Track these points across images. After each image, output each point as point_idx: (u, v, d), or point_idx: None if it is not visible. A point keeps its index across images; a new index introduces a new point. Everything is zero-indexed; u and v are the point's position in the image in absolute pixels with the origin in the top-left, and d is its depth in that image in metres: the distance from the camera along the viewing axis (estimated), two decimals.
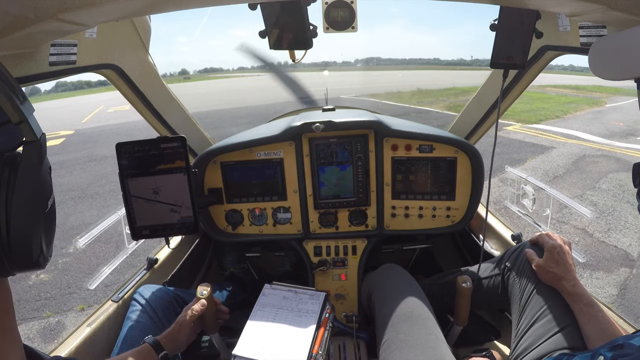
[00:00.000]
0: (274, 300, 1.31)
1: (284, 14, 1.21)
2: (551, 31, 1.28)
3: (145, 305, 1.37)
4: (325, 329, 1.22)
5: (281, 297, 1.33)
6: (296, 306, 1.28)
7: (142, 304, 1.37)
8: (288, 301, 1.31)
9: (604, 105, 14.15)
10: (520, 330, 1.20)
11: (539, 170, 6.70)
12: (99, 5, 0.68)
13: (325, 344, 1.18)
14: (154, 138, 1.30)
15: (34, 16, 0.68)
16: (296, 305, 1.29)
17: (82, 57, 1.21)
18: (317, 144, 1.62)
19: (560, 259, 1.20)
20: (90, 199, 6.10)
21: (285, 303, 1.30)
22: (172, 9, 0.85)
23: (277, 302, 1.30)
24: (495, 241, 1.85)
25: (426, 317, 1.21)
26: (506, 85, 1.50)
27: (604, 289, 3.40)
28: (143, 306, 1.37)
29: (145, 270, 1.64)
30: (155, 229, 1.33)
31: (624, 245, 4.12)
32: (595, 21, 1.05)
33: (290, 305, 1.29)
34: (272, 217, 1.71)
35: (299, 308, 1.28)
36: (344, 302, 1.72)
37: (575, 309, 1.13)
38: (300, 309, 1.27)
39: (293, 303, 1.30)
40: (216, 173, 1.65)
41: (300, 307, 1.28)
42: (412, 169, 1.66)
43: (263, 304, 1.30)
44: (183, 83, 32.23)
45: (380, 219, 1.70)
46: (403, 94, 17.30)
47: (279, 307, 1.28)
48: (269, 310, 1.27)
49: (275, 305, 1.29)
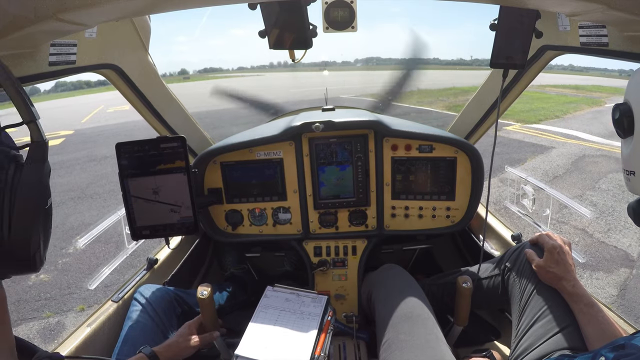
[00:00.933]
0: (276, 302, 1.31)
1: (283, 13, 1.21)
2: (551, 31, 1.28)
3: (146, 305, 1.38)
4: (327, 332, 1.22)
5: (283, 299, 1.33)
6: (298, 308, 1.29)
7: (143, 304, 1.38)
8: (290, 303, 1.31)
9: (603, 105, 14.13)
10: (520, 331, 1.20)
11: (539, 170, 6.70)
12: (99, 5, 0.68)
13: (327, 346, 1.18)
14: (153, 138, 1.30)
15: (34, 16, 0.68)
16: (298, 307, 1.29)
17: (82, 57, 1.21)
18: (317, 144, 1.62)
19: (560, 259, 1.20)
20: (90, 199, 6.09)
21: (287, 305, 1.30)
22: (172, 9, 0.85)
23: (280, 304, 1.30)
24: (495, 241, 1.85)
25: (426, 317, 1.21)
26: (506, 85, 1.50)
27: (604, 290, 3.39)
28: (144, 306, 1.37)
29: (145, 271, 1.64)
30: (155, 229, 1.33)
31: (623, 245, 4.11)
32: (595, 21, 1.04)
33: (293, 308, 1.29)
34: (272, 217, 1.71)
35: (302, 310, 1.28)
36: (344, 303, 1.72)
37: (575, 309, 1.13)
38: (303, 312, 1.27)
39: (295, 305, 1.30)
40: (216, 173, 1.65)
41: (302, 310, 1.28)
42: (412, 169, 1.66)
43: (265, 305, 1.30)
44: (183, 83, 32.19)
45: (380, 219, 1.70)
46: (403, 93, 17.24)
47: (282, 309, 1.28)
48: (271, 312, 1.27)
49: (277, 307, 1.29)
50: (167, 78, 30.22)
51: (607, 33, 1.06)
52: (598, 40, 1.09)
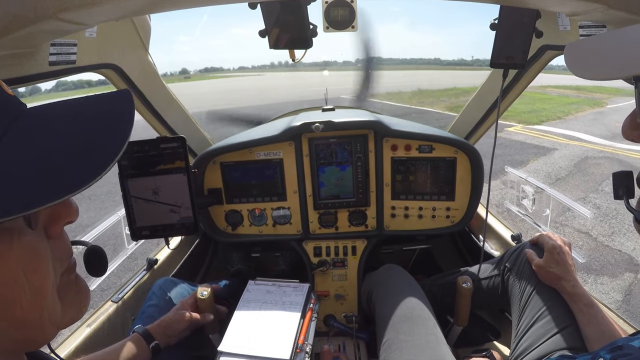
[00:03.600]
0: (258, 295, 1.31)
1: (284, 13, 1.21)
2: (551, 31, 1.28)
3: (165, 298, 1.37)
4: (310, 319, 1.22)
5: (265, 291, 1.33)
6: (280, 299, 1.28)
7: (161, 297, 1.37)
8: (272, 295, 1.31)
9: (605, 106, 14.13)
10: (520, 331, 1.20)
11: (542, 172, 6.69)
12: (99, 4, 0.68)
13: (311, 334, 1.18)
14: (153, 138, 1.30)
15: (34, 16, 0.68)
16: (280, 298, 1.29)
17: (82, 57, 1.21)
18: (316, 144, 1.62)
19: (561, 260, 1.20)
20: (88, 200, 6.08)
21: (269, 297, 1.30)
22: (172, 8, 0.85)
23: (261, 297, 1.30)
24: (495, 242, 1.85)
25: (426, 317, 1.21)
26: (506, 85, 1.50)
27: (608, 295, 3.36)
28: (162, 299, 1.36)
29: (145, 271, 1.64)
30: (155, 229, 1.33)
31: (628, 249, 4.07)
32: (595, 20, 1.04)
33: (274, 299, 1.29)
34: (272, 217, 1.71)
35: (283, 301, 1.27)
36: (343, 303, 1.72)
37: (575, 309, 1.13)
38: (285, 302, 1.27)
39: (277, 296, 1.30)
40: (216, 173, 1.65)
41: (284, 300, 1.28)
42: (411, 169, 1.66)
43: (247, 299, 1.30)
44: (184, 82, 32.20)
45: (379, 219, 1.70)
46: (404, 94, 17.28)
47: (263, 302, 1.28)
48: (253, 306, 1.27)
49: (259, 300, 1.29)
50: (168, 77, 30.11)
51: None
52: None
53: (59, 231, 0.48)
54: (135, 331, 1.13)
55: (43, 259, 0.43)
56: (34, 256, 0.42)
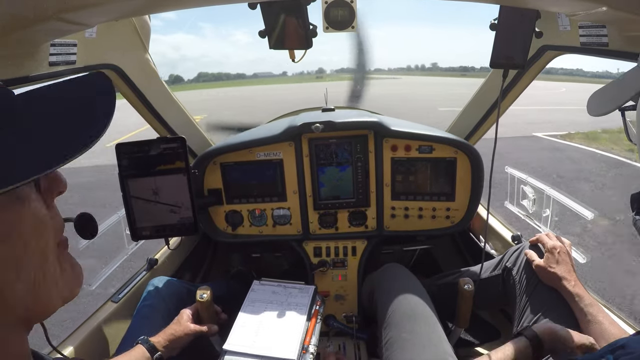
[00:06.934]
0: (263, 296, 1.31)
1: (283, 13, 1.21)
2: (551, 31, 1.28)
3: (159, 297, 1.37)
4: (316, 321, 1.22)
5: (270, 292, 1.33)
6: (285, 300, 1.28)
7: (155, 296, 1.37)
8: (277, 295, 1.31)
9: None
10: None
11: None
12: (99, 5, 0.68)
13: (317, 336, 1.18)
14: (153, 139, 1.30)
15: (34, 16, 0.67)
16: (285, 299, 1.29)
17: (82, 57, 1.21)
18: (316, 145, 1.62)
19: (561, 259, 1.20)
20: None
21: (274, 297, 1.30)
22: (172, 8, 0.86)
23: (267, 297, 1.30)
24: (495, 242, 1.85)
25: (429, 316, 1.22)
26: (506, 85, 1.50)
27: None
28: (156, 299, 1.36)
29: (145, 271, 1.63)
30: (155, 229, 1.33)
31: None
32: (595, 21, 1.05)
33: (280, 300, 1.29)
34: (272, 217, 1.70)
35: (289, 302, 1.27)
36: (343, 303, 1.72)
37: (575, 309, 1.13)
38: (290, 303, 1.27)
39: (282, 297, 1.30)
40: (216, 174, 1.64)
41: (289, 301, 1.28)
42: (411, 169, 1.66)
43: (252, 299, 1.30)
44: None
45: (380, 219, 1.70)
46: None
47: (269, 302, 1.28)
48: (258, 305, 1.27)
49: (264, 300, 1.29)
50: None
51: (607, 33, 1.06)
52: (598, 40, 1.10)
53: (53, 200, 0.51)
54: (139, 342, 1.13)
55: (47, 224, 0.47)
56: (40, 221, 0.46)
